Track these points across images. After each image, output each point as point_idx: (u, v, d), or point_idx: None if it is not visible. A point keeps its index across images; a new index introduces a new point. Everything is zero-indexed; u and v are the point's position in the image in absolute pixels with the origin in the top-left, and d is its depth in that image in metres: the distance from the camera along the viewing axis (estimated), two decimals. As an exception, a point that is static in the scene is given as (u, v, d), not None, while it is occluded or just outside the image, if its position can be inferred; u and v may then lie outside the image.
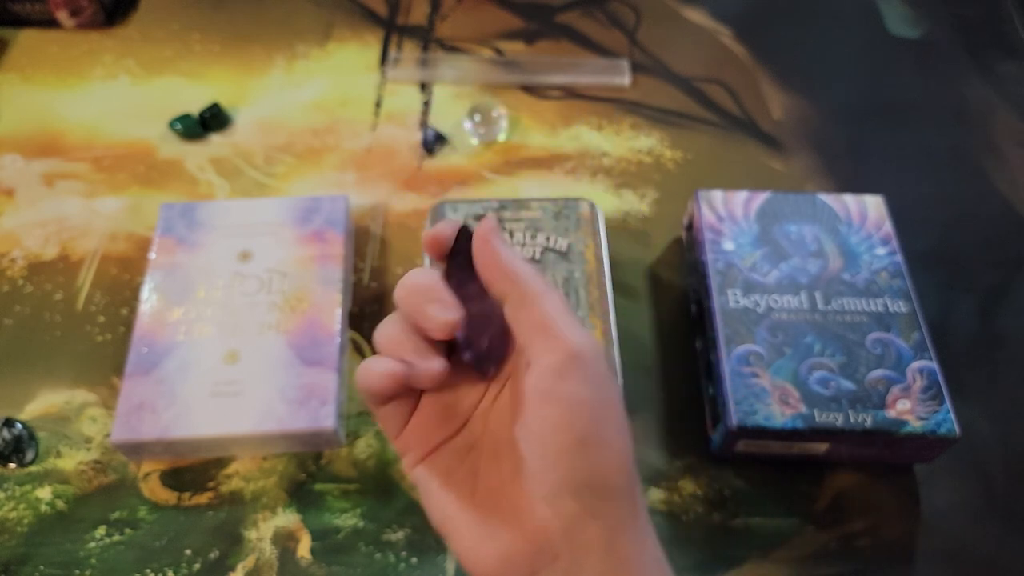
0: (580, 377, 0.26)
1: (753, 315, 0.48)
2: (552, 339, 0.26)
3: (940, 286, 0.55)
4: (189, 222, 0.54)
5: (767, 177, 0.61)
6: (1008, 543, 0.45)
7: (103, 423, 0.49)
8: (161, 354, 0.48)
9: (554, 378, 0.25)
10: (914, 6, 0.73)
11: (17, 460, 0.47)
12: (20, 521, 0.45)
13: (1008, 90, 0.67)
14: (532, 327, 0.27)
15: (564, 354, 0.26)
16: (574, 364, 0.26)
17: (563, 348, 0.26)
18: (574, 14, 0.72)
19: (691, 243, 0.54)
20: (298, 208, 0.54)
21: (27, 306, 0.54)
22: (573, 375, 0.25)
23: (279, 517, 0.46)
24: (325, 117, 0.64)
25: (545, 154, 0.62)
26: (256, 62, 0.68)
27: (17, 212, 0.58)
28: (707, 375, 0.49)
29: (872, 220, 0.52)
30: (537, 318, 0.26)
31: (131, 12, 0.71)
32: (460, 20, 0.71)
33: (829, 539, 0.45)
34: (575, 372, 0.26)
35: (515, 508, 0.26)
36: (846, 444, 0.45)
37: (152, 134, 0.63)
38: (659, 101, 0.66)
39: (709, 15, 0.72)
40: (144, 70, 0.67)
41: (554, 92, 0.66)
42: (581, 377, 0.26)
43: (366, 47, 0.69)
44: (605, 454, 0.25)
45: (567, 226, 0.50)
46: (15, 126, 0.63)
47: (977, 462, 0.48)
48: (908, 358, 0.46)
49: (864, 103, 0.66)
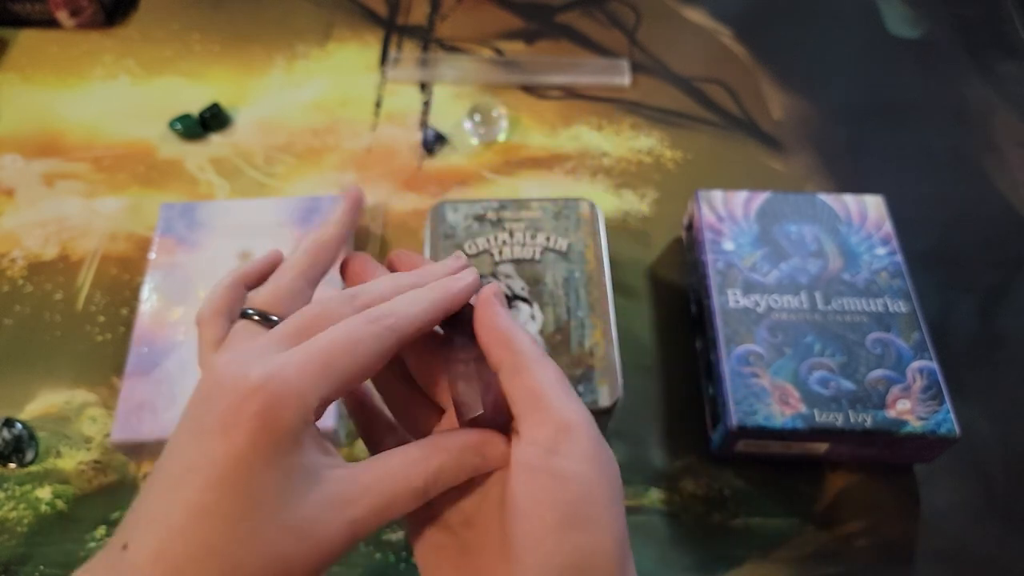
0: (569, 451, 0.25)
1: (753, 315, 0.48)
2: (543, 411, 0.25)
3: (940, 286, 0.55)
4: (189, 222, 0.54)
5: (767, 177, 0.61)
6: (1008, 543, 0.45)
7: (103, 423, 0.49)
8: (161, 354, 0.48)
9: (542, 452, 0.25)
10: (914, 6, 0.73)
11: (17, 460, 0.47)
12: (20, 521, 0.45)
13: (1008, 90, 0.67)
14: (524, 396, 0.26)
15: (554, 427, 0.25)
16: (564, 437, 0.25)
17: (554, 420, 0.25)
18: (574, 14, 0.72)
19: (691, 243, 0.54)
20: (298, 208, 0.54)
21: (27, 306, 0.54)
22: (562, 449, 0.24)
23: (279, 517, 0.46)
24: (325, 117, 0.64)
25: (545, 154, 0.62)
26: (256, 62, 0.68)
27: (17, 212, 0.58)
28: (707, 375, 0.49)
29: (872, 220, 0.52)
30: (529, 386, 0.26)
31: (131, 12, 0.71)
32: (460, 20, 0.71)
33: (829, 539, 0.45)
34: (564, 446, 0.25)
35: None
36: (846, 444, 0.45)
37: (152, 134, 0.63)
38: (659, 101, 0.66)
39: (709, 15, 0.72)
40: (144, 70, 0.67)
41: (554, 92, 0.66)
42: (570, 451, 0.25)
43: (366, 47, 0.69)
44: (594, 534, 0.24)
45: (567, 226, 0.50)
46: (15, 126, 0.63)
47: (977, 462, 0.48)
48: (908, 358, 0.46)
49: (864, 103, 0.66)
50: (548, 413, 0.25)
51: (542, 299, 0.47)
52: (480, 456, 0.26)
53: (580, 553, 0.23)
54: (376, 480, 0.25)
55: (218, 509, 0.23)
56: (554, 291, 0.48)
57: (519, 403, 0.26)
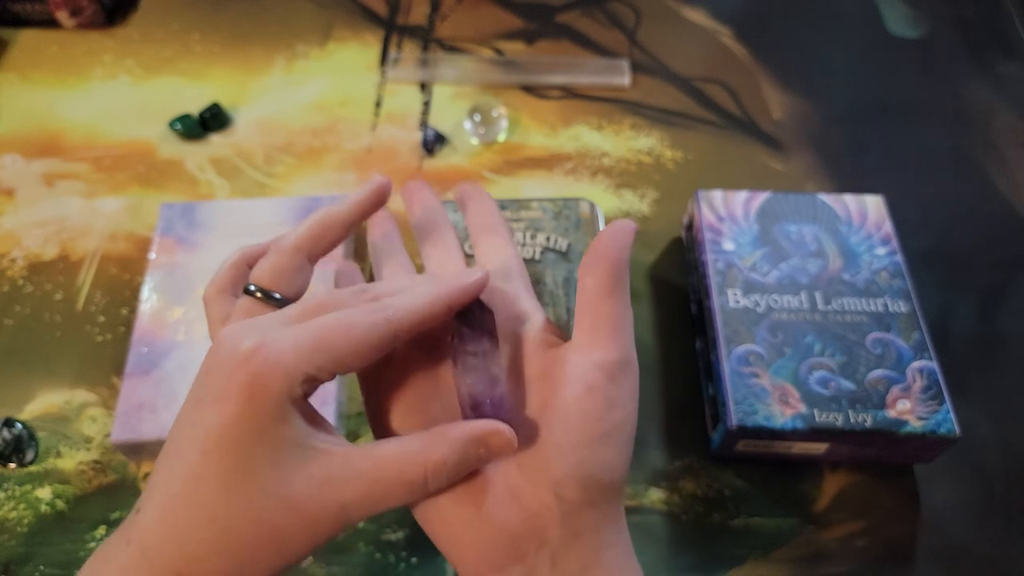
0: (624, 383, 0.27)
1: (753, 315, 0.48)
2: (617, 340, 0.28)
3: (940, 286, 0.55)
4: (189, 222, 0.54)
5: (767, 177, 0.61)
6: (1008, 543, 0.45)
7: (103, 423, 0.49)
8: (161, 354, 0.48)
9: (605, 377, 0.27)
10: (914, 6, 0.73)
11: (17, 460, 0.47)
12: (20, 521, 0.45)
13: (1008, 90, 0.67)
14: (605, 320, 0.28)
15: (621, 358, 0.27)
16: (624, 371, 0.27)
17: (622, 353, 0.28)
18: (574, 14, 0.72)
19: (691, 243, 0.54)
20: (298, 208, 0.54)
21: (27, 306, 0.54)
22: (618, 379, 0.27)
23: (279, 517, 0.46)
24: (325, 117, 0.64)
25: (545, 154, 0.62)
26: (256, 62, 0.68)
27: (17, 212, 0.58)
28: (707, 375, 0.49)
29: (872, 220, 0.52)
30: (613, 313, 0.28)
31: (131, 12, 0.71)
32: (460, 20, 0.71)
33: (829, 539, 0.45)
34: (621, 378, 0.27)
35: (512, 491, 0.26)
36: (846, 444, 0.45)
37: (152, 134, 0.63)
38: (659, 101, 0.66)
39: (709, 15, 0.72)
40: (144, 70, 0.67)
41: (554, 92, 0.66)
42: (624, 383, 0.27)
43: (366, 47, 0.69)
44: (619, 455, 0.27)
45: (567, 226, 0.50)
46: (15, 126, 0.63)
47: (977, 462, 0.48)
48: (908, 358, 0.46)
49: (864, 103, 0.66)
50: (620, 345, 0.28)
51: (542, 299, 0.47)
52: (484, 447, 0.26)
53: (603, 467, 0.26)
54: (371, 468, 0.25)
55: (213, 476, 0.24)
56: (554, 291, 0.48)
57: (599, 326, 0.28)
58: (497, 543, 0.26)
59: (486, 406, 0.27)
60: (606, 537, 0.26)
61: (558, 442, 0.26)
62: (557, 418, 0.27)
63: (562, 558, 0.26)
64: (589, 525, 0.26)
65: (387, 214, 0.37)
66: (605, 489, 0.26)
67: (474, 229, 0.35)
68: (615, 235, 0.28)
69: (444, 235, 0.35)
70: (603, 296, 0.28)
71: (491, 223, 0.35)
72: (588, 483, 0.26)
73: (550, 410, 0.27)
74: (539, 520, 0.26)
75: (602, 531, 0.26)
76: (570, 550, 0.26)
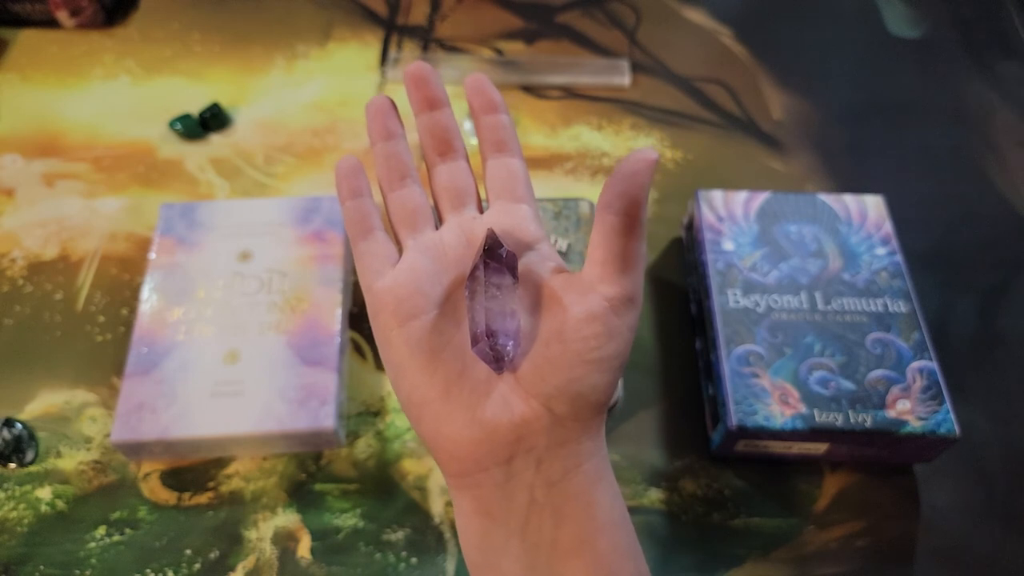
0: (625, 317, 0.29)
1: (753, 315, 0.48)
2: (627, 276, 0.29)
3: (940, 286, 0.55)
4: (189, 222, 0.54)
5: (767, 177, 0.61)
6: (1008, 543, 0.45)
7: (103, 423, 0.49)
8: (161, 354, 0.48)
9: (609, 308, 0.28)
10: (914, 6, 0.73)
11: (17, 460, 0.47)
12: (20, 521, 0.45)
13: (1008, 90, 0.67)
14: (620, 256, 0.29)
15: (628, 294, 0.29)
16: (628, 306, 0.29)
17: (630, 289, 0.29)
18: (574, 14, 0.72)
19: (691, 243, 0.54)
20: (298, 208, 0.54)
21: (27, 306, 0.54)
22: (621, 312, 0.29)
23: (279, 517, 0.46)
24: (325, 117, 0.64)
25: (545, 154, 0.62)
26: (256, 62, 0.68)
27: (17, 212, 0.58)
28: (707, 375, 0.49)
29: (872, 220, 0.52)
30: (629, 251, 0.29)
31: (131, 12, 0.71)
32: (460, 20, 0.71)
33: (829, 539, 0.45)
34: (624, 311, 0.29)
35: (506, 399, 0.28)
36: (846, 444, 0.45)
37: (152, 134, 0.63)
38: (659, 101, 0.66)
39: (709, 15, 0.72)
40: (144, 70, 0.67)
41: (554, 92, 0.66)
42: (626, 318, 0.29)
43: (366, 47, 0.69)
44: (607, 381, 0.28)
45: (567, 226, 0.50)
46: (15, 126, 0.63)
47: (977, 462, 0.48)
48: (908, 358, 0.46)
49: (864, 103, 0.66)
50: (630, 280, 0.29)
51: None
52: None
53: (593, 388, 0.28)
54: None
55: None
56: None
57: (615, 260, 0.29)
58: (485, 444, 0.28)
59: (500, 336, 0.28)
60: (588, 447, 0.28)
61: (555, 361, 0.28)
62: (557, 339, 0.28)
63: (546, 463, 0.28)
64: (573, 436, 0.28)
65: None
66: (592, 406, 0.28)
67: (485, 143, 0.37)
68: (635, 169, 0.29)
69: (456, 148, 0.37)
70: (618, 233, 0.29)
71: (503, 138, 0.37)
72: (577, 400, 0.28)
73: (551, 331, 0.29)
74: (528, 427, 0.27)
75: (584, 441, 0.28)
76: (555, 457, 0.28)
